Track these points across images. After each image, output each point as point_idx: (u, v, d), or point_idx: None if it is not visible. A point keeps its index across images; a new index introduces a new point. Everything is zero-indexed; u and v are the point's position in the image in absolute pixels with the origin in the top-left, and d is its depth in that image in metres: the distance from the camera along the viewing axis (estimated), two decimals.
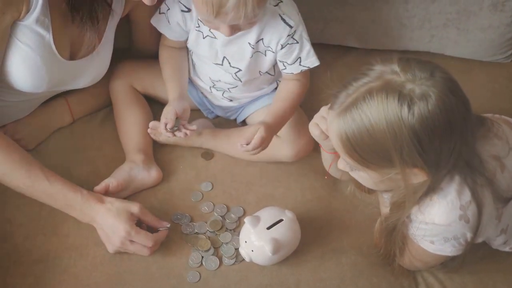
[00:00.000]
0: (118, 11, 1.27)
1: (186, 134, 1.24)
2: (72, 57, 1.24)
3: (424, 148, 0.92)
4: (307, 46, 1.24)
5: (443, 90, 0.90)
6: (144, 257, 1.18)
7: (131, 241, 1.15)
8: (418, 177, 0.97)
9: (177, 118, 1.24)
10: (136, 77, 1.41)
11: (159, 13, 1.26)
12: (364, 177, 1.02)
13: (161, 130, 1.24)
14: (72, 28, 1.19)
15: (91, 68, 1.29)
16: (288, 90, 1.29)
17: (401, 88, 0.90)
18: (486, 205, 1.02)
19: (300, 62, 1.25)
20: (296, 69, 1.26)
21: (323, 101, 1.48)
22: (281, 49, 1.22)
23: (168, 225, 1.20)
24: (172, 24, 1.26)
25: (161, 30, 1.29)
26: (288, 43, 1.22)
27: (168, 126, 1.23)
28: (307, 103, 1.47)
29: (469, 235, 1.03)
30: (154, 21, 1.28)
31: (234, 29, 1.12)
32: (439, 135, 0.91)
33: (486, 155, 1.03)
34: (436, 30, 1.55)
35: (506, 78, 1.60)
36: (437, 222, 1.02)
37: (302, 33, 1.22)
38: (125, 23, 1.37)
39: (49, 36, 1.15)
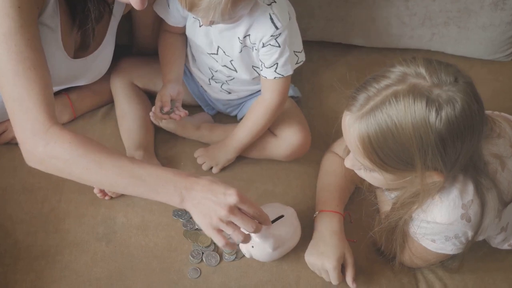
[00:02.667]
0: (119, 10, 1.27)
1: (180, 116, 1.29)
2: (76, 55, 1.25)
3: (447, 152, 0.92)
4: (287, 54, 1.22)
5: (468, 95, 0.90)
6: (144, 253, 1.19)
7: (239, 211, 1.03)
8: (434, 178, 0.97)
9: (172, 100, 1.30)
10: (137, 74, 1.41)
11: None
12: (377, 177, 1.01)
13: (156, 112, 1.29)
14: (73, 26, 1.20)
15: (94, 66, 1.30)
16: (257, 112, 1.29)
17: (428, 93, 0.89)
18: (489, 206, 1.02)
19: (276, 68, 1.23)
20: (270, 74, 1.24)
21: (323, 99, 1.51)
22: (263, 47, 1.21)
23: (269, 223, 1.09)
24: (172, 9, 1.27)
25: (161, 15, 1.30)
26: (269, 44, 1.20)
27: (165, 110, 1.28)
28: (307, 101, 1.48)
29: (470, 234, 1.04)
30: (155, 7, 1.29)
31: (211, 21, 1.12)
32: (462, 139, 0.91)
33: (487, 154, 1.04)
34: (437, 28, 1.55)
35: (507, 76, 1.60)
36: (439, 221, 1.02)
37: (286, 38, 1.20)
38: (126, 21, 1.37)
39: (58, 34, 1.16)
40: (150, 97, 1.43)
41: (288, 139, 1.32)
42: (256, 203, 1.06)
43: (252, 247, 1.14)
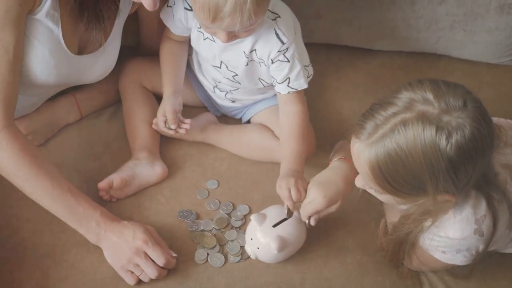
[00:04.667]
0: (125, 9, 1.27)
1: (186, 130, 1.30)
2: (80, 52, 1.25)
3: (458, 177, 0.92)
4: (298, 67, 1.22)
5: (477, 120, 0.90)
6: None
7: (145, 254, 1.12)
8: (446, 198, 0.96)
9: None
10: (146, 75, 1.41)
11: (167, 6, 1.27)
12: (388, 198, 1.01)
13: (161, 128, 1.31)
14: (80, 24, 1.20)
15: (99, 64, 1.30)
16: (291, 127, 1.25)
17: (437, 121, 0.88)
18: (501, 220, 1.02)
19: (288, 83, 1.23)
20: (284, 89, 1.24)
21: (329, 101, 1.51)
22: (272, 63, 1.21)
23: (176, 255, 1.17)
24: (176, 19, 1.27)
25: (166, 23, 1.30)
26: (278, 59, 1.20)
27: (173, 127, 1.29)
28: (313, 103, 1.48)
29: (481, 247, 1.04)
30: (162, 14, 1.29)
31: (231, 35, 1.12)
32: (474, 163, 0.91)
33: (496, 165, 1.03)
34: (442, 31, 1.55)
35: None
36: (452, 236, 1.02)
37: (294, 53, 1.20)
38: (134, 21, 1.37)
39: (58, 31, 1.16)
40: (158, 98, 1.42)
41: None
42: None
43: (258, 248, 1.15)
